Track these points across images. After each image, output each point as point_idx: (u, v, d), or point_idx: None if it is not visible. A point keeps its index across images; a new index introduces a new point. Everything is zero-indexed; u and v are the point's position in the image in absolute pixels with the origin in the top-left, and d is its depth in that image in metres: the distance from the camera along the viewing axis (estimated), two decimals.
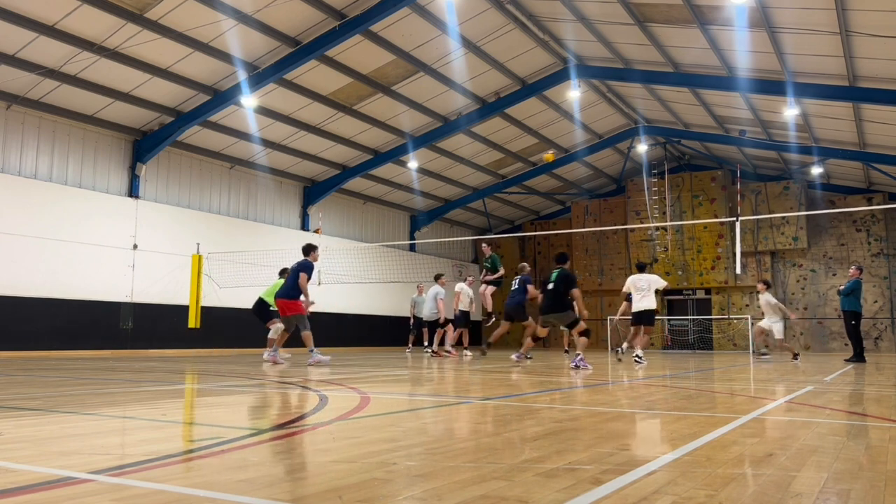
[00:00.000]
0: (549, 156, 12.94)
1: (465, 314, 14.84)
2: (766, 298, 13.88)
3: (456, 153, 20.43)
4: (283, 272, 12.33)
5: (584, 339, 9.44)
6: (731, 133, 19.49)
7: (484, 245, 14.96)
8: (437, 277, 15.17)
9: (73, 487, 1.99)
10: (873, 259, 21.69)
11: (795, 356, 13.18)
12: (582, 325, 9.64)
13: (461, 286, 14.93)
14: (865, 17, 11.10)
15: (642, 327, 11.41)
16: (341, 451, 2.69)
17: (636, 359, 10.74)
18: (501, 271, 14.11)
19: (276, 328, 11.81)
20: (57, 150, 14.08)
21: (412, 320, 17.11)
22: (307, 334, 10.00)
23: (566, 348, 17.37)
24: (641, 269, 11.85)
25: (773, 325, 13.86)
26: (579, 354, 9.24)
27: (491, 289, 14.02)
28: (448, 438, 3.08)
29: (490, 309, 14.11)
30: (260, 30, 12.92)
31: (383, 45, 14.19)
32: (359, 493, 1.94)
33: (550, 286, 9.60)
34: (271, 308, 12.00)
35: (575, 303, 9.81)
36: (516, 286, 12.49)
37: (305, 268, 10.16)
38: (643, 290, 11.39)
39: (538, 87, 17.11)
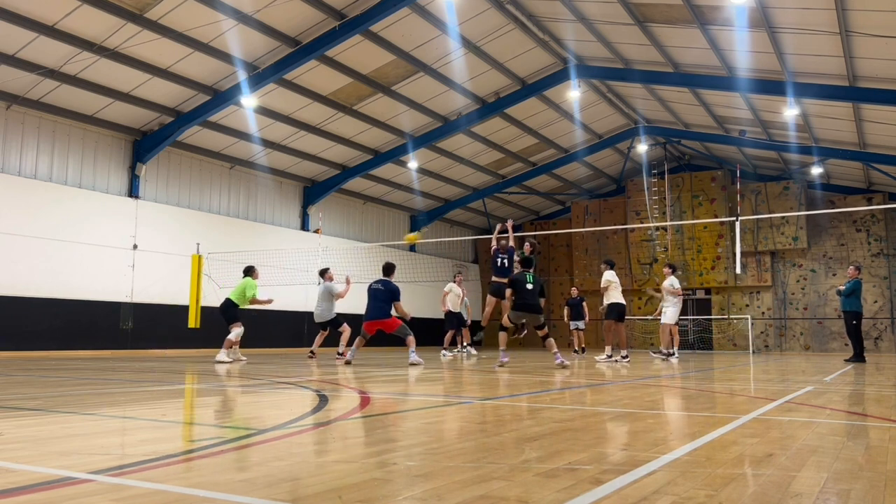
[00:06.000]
0: (411, 237, 13.31)
1: (456, 315, 14.67)
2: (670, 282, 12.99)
3: (456, 153, 20.42)
4: (248, 270, 12.17)
5: (551, 340, 9.74)
6: (731, 133, 19.48)
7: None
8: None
9: (73, 487, 1.99)
10: (873, 259, 21.68)
11: (669, 354, 12.88)
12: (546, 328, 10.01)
13: (450, 286, 14.69)
14: (865, 17, 11.10)
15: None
16: (341, 451, 2.69)
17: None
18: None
19: (238, 332, 11.66)
20: (57, 150, 14.08)
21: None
22: (412, 339, 10.53)
23: (577, 348, 16.91)
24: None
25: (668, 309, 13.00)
26: (556, 352, 9.59)
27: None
28: (448, 438, 3.08)
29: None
30: (260, 30, 12.92)
31: (383, 45, 14.19)
32: (359, 493, 1.94)
33: (530, 287, 9.74)
34: (240, 309, 11.94)
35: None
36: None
37: (398, 295, 10.63)
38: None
39: (538, 87, 17.10)
